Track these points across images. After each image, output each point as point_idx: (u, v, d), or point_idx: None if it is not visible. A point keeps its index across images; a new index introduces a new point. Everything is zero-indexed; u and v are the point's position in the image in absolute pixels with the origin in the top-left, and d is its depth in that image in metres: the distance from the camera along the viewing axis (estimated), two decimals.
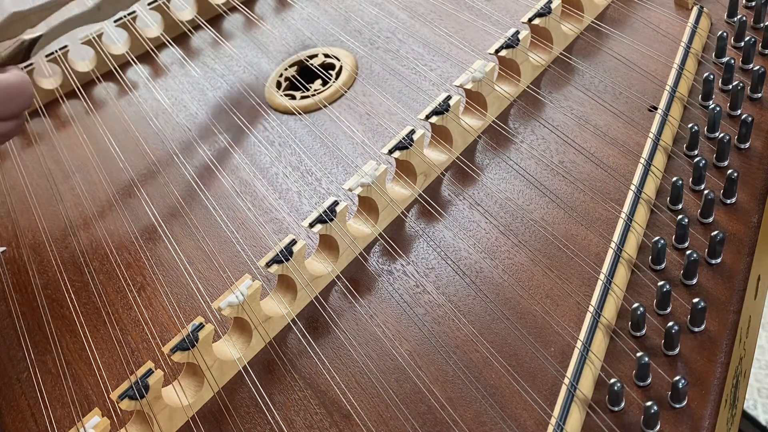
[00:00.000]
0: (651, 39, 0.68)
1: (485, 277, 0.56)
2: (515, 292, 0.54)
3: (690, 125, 0.57)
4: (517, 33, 0.66)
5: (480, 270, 0.56)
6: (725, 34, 0.63)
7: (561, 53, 0.70)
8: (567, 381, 0.46)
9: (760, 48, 0.63)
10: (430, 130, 0.65)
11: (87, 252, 0.68)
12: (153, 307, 0.62)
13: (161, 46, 0.89)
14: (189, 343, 0.52)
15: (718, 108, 0.57)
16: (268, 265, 0.55)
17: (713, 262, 0.51)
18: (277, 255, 0.55)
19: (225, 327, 0.58)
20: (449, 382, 0.50)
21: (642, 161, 0.57)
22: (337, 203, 0.58)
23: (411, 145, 0.61)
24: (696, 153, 0.58)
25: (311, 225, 0.57)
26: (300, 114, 0.75)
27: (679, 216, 0.52)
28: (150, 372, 0.50)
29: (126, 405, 0.50)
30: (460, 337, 0.53)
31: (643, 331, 0.49)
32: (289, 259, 0.55)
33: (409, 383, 0.51)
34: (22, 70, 0.65)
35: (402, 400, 0.50)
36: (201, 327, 0.52)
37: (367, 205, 0.61)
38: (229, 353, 0.55)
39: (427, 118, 0.63)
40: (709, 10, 0.68)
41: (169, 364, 0.57)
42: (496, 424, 0.48)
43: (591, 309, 0.49)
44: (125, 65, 0.87)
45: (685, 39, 0.65)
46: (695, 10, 0.68)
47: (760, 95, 0.60)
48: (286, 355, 0.55)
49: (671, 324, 0.46)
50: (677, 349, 0.47)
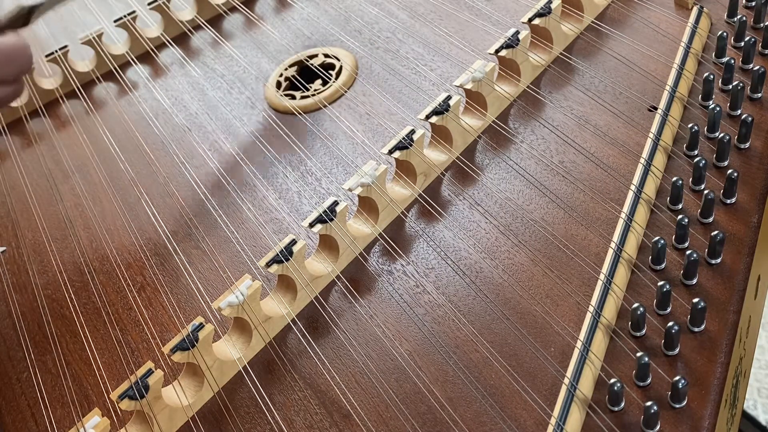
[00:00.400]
0: (651, 39, 0.68)
1: (485, 277, 0.56)
2: (515, 292, 0.54)
3: (690, 125, 0.57)
4: (517, 33, 0.66)
5: (480, 270, 0.56)
6: (725, 34, 0.63)
7: (561, 53, 0.70)
8: (567, 381, 0.46)
9: (760, 48, 0.63)
10: (430, 130, 0.65)
11: (87, 252, 0.68)
12: (153, 307, 0.62)
13: (161, 46, 0.89)
14: (189, 343, 0.52)
15: (718, 108, 0.57)
16: (268, 265, 0.55)
17: (713, 262, 0.51)
18: (277, 255, 0.55)
19: (225, 327, 0.58)
20: (449, 382, 0.50)
21: (642, 161, 0.57)
22: (337, 203, 0.58)
23: (411, 145, 0.61)
24: (696, 153, 0.58)
25: (311, 225, 0.57)
26: (300, 114, 0.75)
27: (679, 216, 0.52)
28: (150, 372, 0.50)
29: (126, 405, 0.50)
30: (460, 337, 0.53)
31: (643, 331, 0.49)
32: (289, 259, 0.55)
33: (409, 383, 0.51)
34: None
35: (402, 400, 0.50)
36: (201, 327, 0.52)
37: (367, 205, 0.61)
38: (229, 353, 0.55)
39: (427, 118, 0.63)
40: (709, 10, 0.68)
41: (169, 364, 0.57)
42: (496, 424, 0.48)
43: (591, 309, 0.49)
44: (125, 65, 0.87)
45: (685, 39, 0.65)
46: (695, 10, 0.68)
47: (760, 95, 0.60)
48: (286, 355, 0.55)
49: (671, 324, 0.46)
50: (677, 349, 0.47)
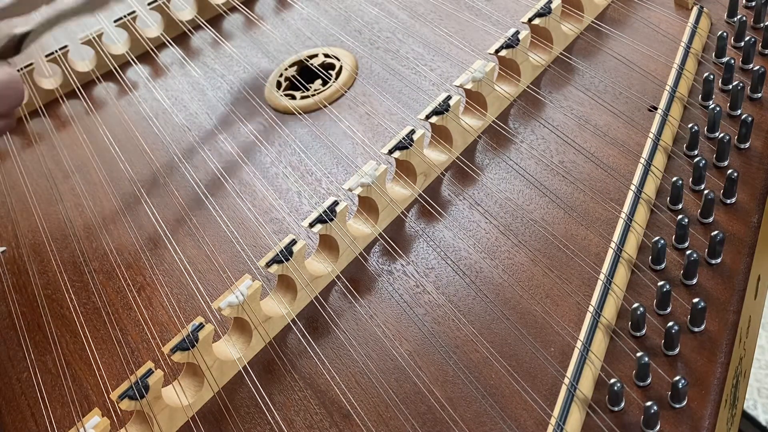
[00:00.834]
0: (651, 39, 0.68)
1: (485, 277, 0.56)
2: (515, 292, 0.54)
3: (690, 125, 0.57)
4: (517, 33, 0.66)
5: (480, 270, 0.56)
6: (725, 34, 0.63)
7: (561, 53, 0.70)
8: (567, 381, 0.46)
9: (760, 48, 0.63)
10: (430, 130, 0.65)
11: (87, 252, 0.68)
12: (153, 307, 0.62)
13: (161, 46, 0.89)
14: (189, 343, 0.52)
15: (718, 108, 0.57)
16: (268, 265, 0.55)
17: (713, 262, 0.51)
18: (277, 255, 0.55)
19: (225, 327, 0.58)
20: (449, 382, 0.50)
21: (642, 161, 0.57)
22: (337, 203, 0.58)
23: (411, 145, 0.61)
24: (696, 153, 0.58)
25: (311, 225, 0.57)
26: (300, 114, 0.75)
27: (679, 216, 0.52)
28: (150, 372, 0.50)
29: (126, 405, 0.50)
30: (460, 337, 0.53)
31: (643, 331, 0.49)
32: (289, 259, 0.55)
33: (409, 383, 0.51)
34: (11, 66, 0.64)
35: (402, 400, 0.50)
36: (201, 327, 0.52)
37: (367, 205, 0.61)
38: (229, 353, 0.55)
39: (427, 118, 0.62)
40: (709, 10, 0.68)
41: (169, 364, 0.57)
42: (496, 424, 0.48)
43: (591, 309, 0.49)
44: (125, 65, 0.87)
45: (685, 39, 0.65)
46: (695, 10, 0.68)
47: (760, 95, 0.60)
48: (286, 355, 0.55)
49: (671, 324, 0.46)
50: (677, 349, 0.47)
